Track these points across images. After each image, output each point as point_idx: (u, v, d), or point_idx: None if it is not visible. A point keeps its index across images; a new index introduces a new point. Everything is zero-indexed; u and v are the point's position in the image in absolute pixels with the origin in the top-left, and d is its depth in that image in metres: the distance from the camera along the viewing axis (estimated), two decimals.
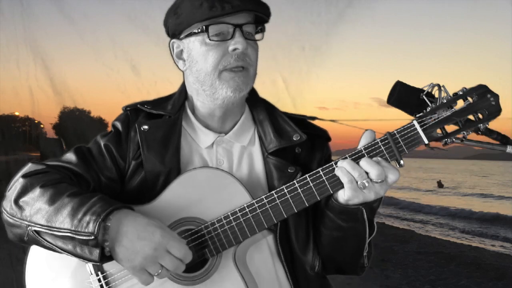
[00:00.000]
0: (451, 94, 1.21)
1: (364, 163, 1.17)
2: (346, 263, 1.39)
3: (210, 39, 1.28)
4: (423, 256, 8.59)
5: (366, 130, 1.22)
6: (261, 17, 1.32)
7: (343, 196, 1.20)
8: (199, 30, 1.29)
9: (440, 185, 38.11)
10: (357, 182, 1.16)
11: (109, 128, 1.47)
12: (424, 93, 1.22)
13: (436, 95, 1.22)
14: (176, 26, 1.34)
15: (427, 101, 1.21)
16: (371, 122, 1.46)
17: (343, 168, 1.17)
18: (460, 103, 1.19)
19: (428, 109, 1.19)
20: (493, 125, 1.21)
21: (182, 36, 1.34)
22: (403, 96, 1.24)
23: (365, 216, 1.24)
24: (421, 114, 1.19)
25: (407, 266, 7.66)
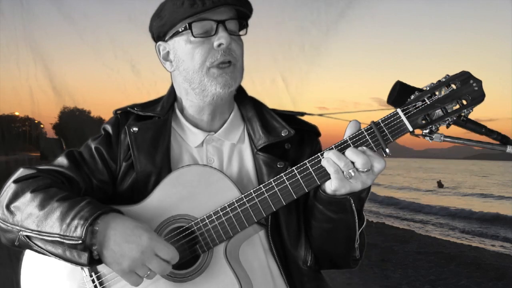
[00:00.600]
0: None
1: (350, 152, 1.17)
2: (338, 255, 1.39)
3: (194, 37, 1.29)
4: (423, 256, 8.59)
5: (351, 120, 1.23)
6: (243, 12, 1.33)
7: (330, 186, 1.21)
8: (183, 29, 1.30)
9: (440, 185, 38.12)
10: (343, 172, 1.17)
11: None
12: None
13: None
14: (160, 28, 1.35)
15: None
16: (355, 114, 1.46)
17: (329, 159, 1.18)
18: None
19: (412, 97, 1.19)
20: (493, 125, 1.21)
21: (167, 37, 1.36)
22: (403, 96, 1.23)
23: (354, 206, 1.24)
24: (405, 103, 1.19)
25: (407, 266, 7.65)
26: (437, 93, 1.18)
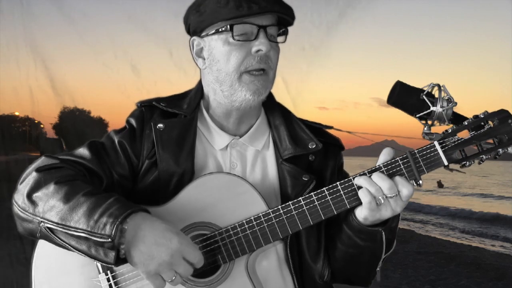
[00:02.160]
0: (451, 95, 1.21)
1: (376, 177, 1.17)
2: (357, 276, 1.39)
3: (234, 39, 1.26)
4: (423, 256, 8.59)
5: (386, 147, 1.23)
6: (285, 19, 1.31)
7: (360, 214, 1.21)
8: (223, 29, 1.27)
9: (440, 185, 38.06)
10: (376, 201, 1.16)
11: (109, 128, 1.46)
12: (424, 93, 1.22)
13: (436, 95, 1.22)
14: (198, 23, 1.32)
15: (427, 101, 1.21)
16: (385, 137, 1.46)
17: (365, 189, 1.17)
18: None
19: (449, 130, 1.20)
20: None
21: (203, 33, 1.33)
22: (403, 96, 1.23)
23: (384, 237, 1.24)
24: (441, 135, 1.20)
25: (407, 266, 7.65)
26: (474, 128, 1.19)
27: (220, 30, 1.28)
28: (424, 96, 1.22)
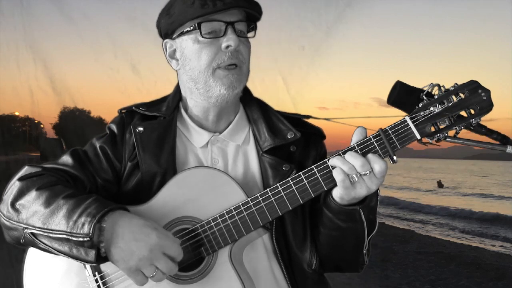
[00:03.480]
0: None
1: (348, 155, 1.17)
2: (345, 261, 1.39)
3: (202, 37, 1.29)
4: (423, 256, 8.59)
5: (358, 127, 1.23)
6: (252, 15, 1.33)
7: (336, 193, 1.22)
8: (192, 28, 1.30)
9: (440, 185, 38.11)
10: (349, 179, 1.17)
11: None
12: (424, 93, 1.22)
13: (436, 95, 1.22)
14: (168, 26, 1.35)
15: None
16: (363, 119, 1.46)
17: (338, 168, 1.18)
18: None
19: (420, 105, 1.19)
20: (493, 125, 1.21)
21: (174, 35, 1.35)
22: (403, 96, 1.24)
23: (363, 216, 1.24)
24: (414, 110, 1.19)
25: (407, 266, 7.66)
26: (445, 101, 1.18)
27: (189, 29, 1.30)
28: (424, 96, 1.22)
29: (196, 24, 1.29)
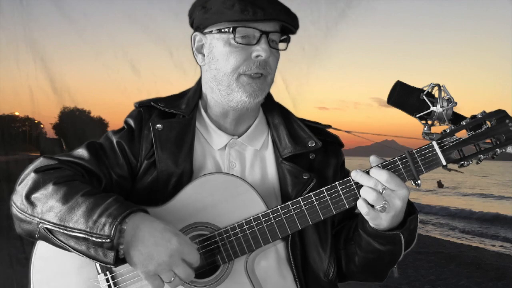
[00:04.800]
0: (451, 95, 1.21)
1: (373, 170, 1.16)
2: (375, 276, 1.39)
3: (235, 41, 1.27)
4: (423, 256, 8.58)
5: (371, 156, 1.22)
6: (288, 28, 1.31)
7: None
8: (226, 30, 1.28)
9: (440, 185, 38.05)
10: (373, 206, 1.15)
11: (109, 128, 1.46)
12: (424, 93, 1.22)
13: (436, 95, 1.22)
14: (202, 20, 1.32)
15: (427, 101, 1.21)
16: (385, 137, 1.46)
17: (367, 188, 1.16)
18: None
19: (447, 130, 1.20)
20: None
21: (206, 31, 1.33)
22: (403, 96, 1.24)
23: (403, 239, 1.23)
24: (439, 135, 1.20)
25: (407, 266, 7.65)
26: (472, 128, 1.19)
27: (223, 30, 1.28)
28: (424, 96, 1.22)
29: (231, 28, 1.26)
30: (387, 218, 1.17)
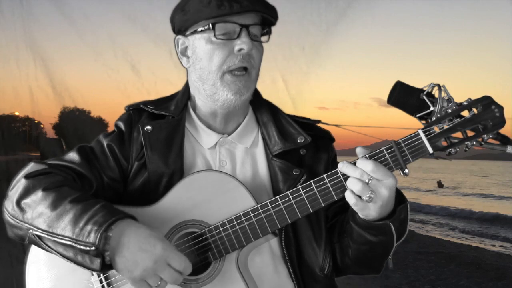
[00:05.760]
0: (451, 95, 1.22)
1: (359, 161, 1.16)
2: (369, 268, 1.40)
3: (216, 38, 1.28)
4: (423, 256, 8.59)
5: (357, 147, 1.22)
6: (268, 19, 1.32)
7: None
8: (206, 28, 1.29)
9: (440, 185, 38.07)
10: (360, 197, 1.15)
11: (110, 128, 1.46)
12: (424, 93, 1.22)
13: (436, 95, 1.22)
14: (182, 23, 1.33)
15: (427, 101, 1.21)
16: (372, 128, 1.47)
17: (353, 179, 1.16)
18: (465, 113, 1.20)
19: (433, 118, 1.19)
20: None
21: (187, 32, 1.34)
22: (403, 96, 1.24)
23: (394, 229, 1.23)
24: (425, 123, 1.20)
25: (407, 266, 7.65)
26: (458, 115, 1.18)
27: (202, 29, 1.30)
28: (424, 96, 1.22)
29: (210, 24, 1.28)
30: (375, 208, 1.17)
